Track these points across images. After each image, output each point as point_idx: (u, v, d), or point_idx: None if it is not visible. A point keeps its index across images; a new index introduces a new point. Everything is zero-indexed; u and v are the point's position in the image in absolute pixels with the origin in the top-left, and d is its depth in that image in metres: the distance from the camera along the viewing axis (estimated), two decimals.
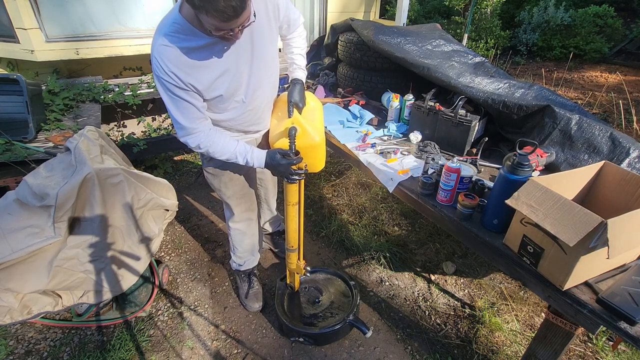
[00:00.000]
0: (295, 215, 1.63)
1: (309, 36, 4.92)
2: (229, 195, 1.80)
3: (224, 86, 1.36)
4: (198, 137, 1.40)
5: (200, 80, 1.29)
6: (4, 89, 2.12)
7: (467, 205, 1.36)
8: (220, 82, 1.34)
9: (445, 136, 1.88)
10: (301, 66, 1.71)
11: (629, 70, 6.09)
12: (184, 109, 1.33)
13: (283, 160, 1.43)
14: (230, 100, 1.43)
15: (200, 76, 1.28)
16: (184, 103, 1.31)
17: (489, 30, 6.51)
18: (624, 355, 1.80)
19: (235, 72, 1.37)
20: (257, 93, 1.50)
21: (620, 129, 3.64)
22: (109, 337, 1.88)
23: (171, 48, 1.22)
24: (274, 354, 1.84)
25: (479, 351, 1.83)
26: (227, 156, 1.47)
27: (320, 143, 1.57)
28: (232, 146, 1.46)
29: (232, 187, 1.77)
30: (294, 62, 1.70)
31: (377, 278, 2.28)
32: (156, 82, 1.30)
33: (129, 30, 3.14)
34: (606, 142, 1.53)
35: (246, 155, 1.47)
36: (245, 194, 1.84)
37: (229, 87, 1.38)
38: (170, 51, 1.22)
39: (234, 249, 2.02)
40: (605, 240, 0.95)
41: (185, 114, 1.34)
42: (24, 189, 1.57)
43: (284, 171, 1.44)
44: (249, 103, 1.49)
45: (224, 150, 1.45)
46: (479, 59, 2.20)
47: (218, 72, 1.32)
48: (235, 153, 1.46)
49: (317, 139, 1.53)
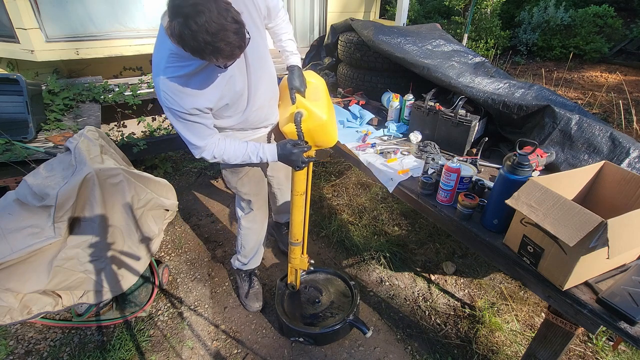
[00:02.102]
0: (302, 205, 1.64)
1: (309, 36, 4.92)
2: (245, 192, 1.84)
3: (229, 95, 1.41)
4: (211, 150, 1.46)
5: (209, 97, 1.35)
6: (4, 89, 2.12)
7: (467, 205, 1.36)
8: (225, 92, 1.39)
9: (445, 136, 1.88)
10: (293, 51, 1.71)
11: (629, 70, 6.09)
12: (196, 130, 1.39)
13: (295, 149, 1.46)
14: (236, 105, 1.48)
15: (207, 95, 1.34)
16: (196, 125, 1.37)
17: (489, 30, 6.51)
18: (624, 355, 1.80)
19: (236, 79, 1.40)
20: (259, 93, 1.53)
21: (620, 129, 3.63)
22: (109, 337, 1.88)
23: (176, 79, 1.26)
24: (274, 354, 1.84)
25: (479, 351, 1.83)
26: (242, 158, 1.52)
27: (328, 120, 1.58)
28: (243, 148, 1.51)
29: (247, 184, 1.81)
30: (285, 49, 1.71)
31: (377, 278, 2.28)
32: (167, 114, 1.35)
33: (129, 30, 3.14)
34: (606, 142, 1.53)
35: (258, 152, 1.52)
36: (260, 190, 1.89)
37: (233, 94, 1.42)
38: (174, 81, 1.26)
39: (240, 247, 2.03)
40: (605, 240, 0.95)
41: (198, 134, 1.40)
42: (24, 189, 1.57)
43: (296, 159, 1.48)
44: (253, 104, 1.53)
45: (237, 154, 1.51)
46: (479, 59, 2.20)
47: (222, 85, 1.36)
48: (248, 153, 1.51)
49: (325, 117, 1.54)
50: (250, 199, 1.86)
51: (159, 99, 1.32)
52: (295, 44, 1.73)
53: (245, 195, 1.85)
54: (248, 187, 1.82)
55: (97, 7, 2.95)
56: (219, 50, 1.08)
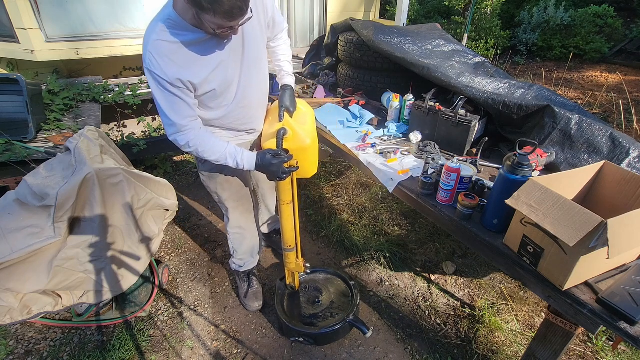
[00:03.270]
0: (291, 214, 1.63)
1: (309, 36, 4.92)
2: (225, 197, 1.79)
3: (217, 80, 1.37)
4: (187, 135, 1.39)
5: (195, 73, 1.30)
6: (4, 89, 2.12)
7: (467, 205, 1.36)
8: (213, 76, 1.35)
9: (445, 136, 1.88)
10: (289, 72, 1.73)
11: (629, 70, 6.09)
12: (175, 105, 1.33)
13: (274, 159, 1.42)
14: (223, 96, 1.44)
15: (195, 69, 1.30)
16: (175, 99, 1.31)
17: (489, 30, 6.51)
18: (624, 355, 1.80)
19: (228, 67, 1.39)
20: (248, 90, 1.51)
21: (620, 129, 3.64)
22: (109, 337, 1.88)
23: (166, 42, 1.23)
24: (274, 354, 1.84)
25: (479, 351, 1.83)
26: (217, 157, 1.45)
27: (311, 146, 1.56)
28: (222, 147, 1.45)
29: (228, 189, 1.76)
30: (282, 69, 1.72)
31: (377, 278, 2.28)
32: (148, 78, 1.29)
33: (129, 30, 3.14)
34: (606, 142, 1.53)
35: (236, 156, 1.46)
36: (243, 196, 1.83)
37: (222, 82, 1.39)
38: (165, 45, 1.23)
39: (233, 252, 2.02)
40: (605, 240, 0.95)
41: (176, 109, 1.34)
42: (24, 189, 1.57)
43: (275, 171, 1.44)
44: (240, 100, 1.50)
45: (214, 150, 1.44)
46: (479, 59, 2.20)
47: (212, 66, 1.33)
48: (225, 154, 1.45)
49: (308, 142, 1.53)
50: (232, 204, 1.82)
51: (143, 61, 1.27)
52: (292, 68, 1.75)
53: (226, 201, 1.80)
54: (229, 192, 1.77)
55: (97, 7, 2.95)
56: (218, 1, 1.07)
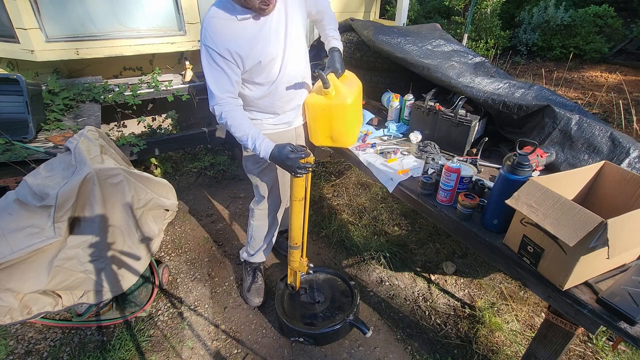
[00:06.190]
0: (301, 211, 1.64)
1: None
2: (266, 180, 1.88)
3: (262, 54, 1.52)
4: (223, 107, 1.53)
5: (242, 46, 1.47)
6: (4, 89, 2.12)
7: (467, 205, 1.36)
8: (258, 50, 1.51)
9: (445, 136, 1.88)
10: (337, 37, 1.81)
11: (629, 70, 6.08)
12: (219, 78, 1.50)
13: (292, 154, 1.47)
14: (268, 70, 1.57)
15: (242, 42, 1.47)
16: (221, 72, 1.48)
17: (489, 30, 6.50)
18: (624, 355, 1.80)
19: (272, 42, 1.54)
20: (290, 67, 1.62)
21: (620, 129, 3.63)
22: (109, 337, 1.88)
23: (218, 19, 1.45)
24: (274, 354, 1.84)
25: (479, 351, 1.83)
26: (241, 135, 1.55)
27: (351, 107, 1.63)
28: (248, 128, 1.54)
29: (269, 173, 1.86)
30: (328, 35, 1.81)
31: (377, 278, 2.28)
32: (202, 53, 1.49)
33: (129, 30, 3.13)
34: (606, 142, 1.53)
35: (256, 140, 1.53)
36: (282, 183, 1.92)
37: (267, 55, 1.53)
38: (218, 22, 1.45)
39: (250, 238, 2.06)
40: (605, 240, 0.95)
41: (219, 83, 1.50)
42: (24, 189, 1.57)
43: (291, 165, 1.48)
44: (283, 75, 1.62)
45: (240, 127, 1.54)
46: (479, 59, 2.19)
47: (257, 40, 1.50)
48: (248, 135, 1.54)
49: (349, 101, 1.60)
50: (269, 189, 1.90)
51: (200, 40, 1.48)
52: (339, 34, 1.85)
53: (263, 184, 1.89)
54: (269, 176, 1.87)
55: (97, 7, 2.95)
56: None
